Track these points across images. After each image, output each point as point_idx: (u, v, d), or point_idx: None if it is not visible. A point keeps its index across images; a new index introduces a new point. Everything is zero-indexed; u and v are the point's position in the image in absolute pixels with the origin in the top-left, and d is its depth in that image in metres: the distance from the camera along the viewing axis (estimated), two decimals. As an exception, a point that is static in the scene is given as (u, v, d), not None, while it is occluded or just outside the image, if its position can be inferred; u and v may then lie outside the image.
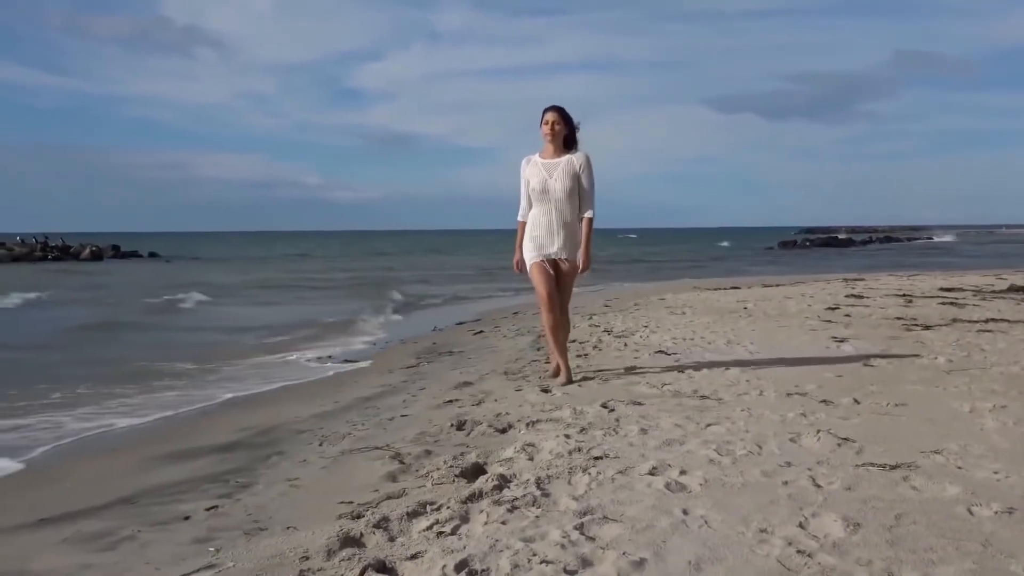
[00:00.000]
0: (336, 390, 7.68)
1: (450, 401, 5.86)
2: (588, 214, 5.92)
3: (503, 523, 3.05)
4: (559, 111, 5.92)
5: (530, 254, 6.01)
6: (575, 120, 5.98)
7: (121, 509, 4.20)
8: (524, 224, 6.07)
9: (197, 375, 9.59)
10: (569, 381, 6.01)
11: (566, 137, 5.93)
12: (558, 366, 6.18)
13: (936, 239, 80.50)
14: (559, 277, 5.99)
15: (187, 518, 3.79)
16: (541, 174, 5.90)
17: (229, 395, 8.19)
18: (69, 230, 76.23)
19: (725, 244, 72.41)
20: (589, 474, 3.58)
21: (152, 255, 53.78)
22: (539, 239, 5.96)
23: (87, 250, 49.37)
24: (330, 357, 10.59)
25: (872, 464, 3.62)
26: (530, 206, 6.01)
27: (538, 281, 5.95)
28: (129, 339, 13.53)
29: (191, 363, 10.32)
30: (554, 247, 5.93)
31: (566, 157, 5.90)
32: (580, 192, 5.91)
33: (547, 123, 5.89)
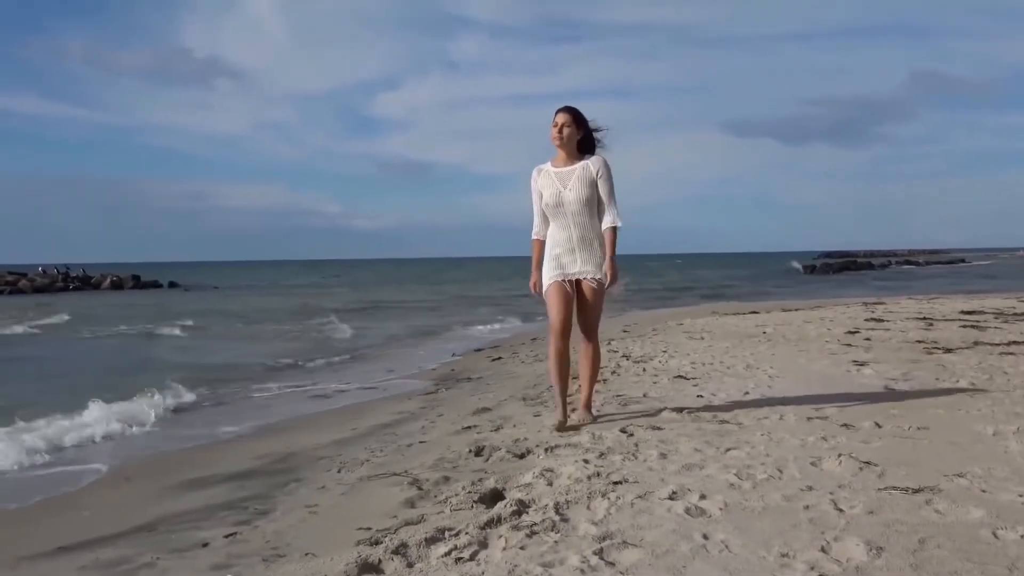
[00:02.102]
0: (354, 417, 7.68)
1: (468, 427, 5.84)
2: (612, 222, 5.19)
3: (522, 548, 3.03)
4: (570, 112, 5.23)
5: (549, 274, 5.28)
6: (598, 123, 5.32)
7: (139, 537, 4.21)
8: (539, 243, 5.37)
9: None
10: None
11: (581, 141, 5.24)
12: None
13: (973, 262, 78.44)
14: (581, 298, 5.25)
15: (205, 545, 3.79)
16: (554, 185, 5.21)
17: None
18: (88, 260, 76.87)
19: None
20: (608, 499, 3.56)
21: (172, 285, 54.10)
22: (559, 258, 5.25)
23: (107, 280, 49.79)
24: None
25: (895, 487, 3.58)
26: (545, 222, 5.34)
27: (553, 304, 5.23)
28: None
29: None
30: (576, 266, 5.22)
31: (581, 163, 5.20)
32: (600, 201, 5.21)
33: (555, 125, 5.20)
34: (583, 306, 5.27)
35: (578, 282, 5.26)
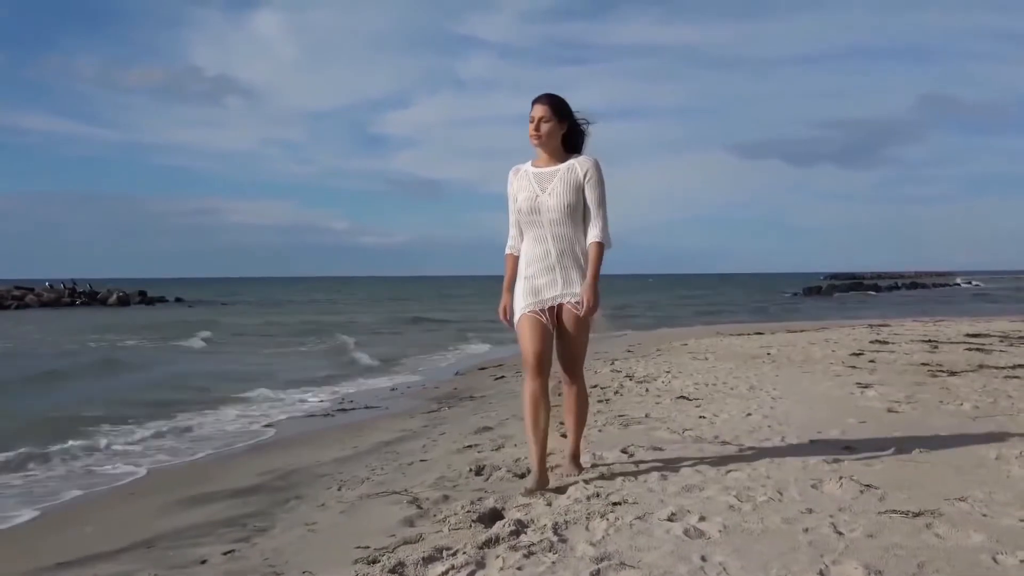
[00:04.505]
0: (357, 434, 7.68)
1: (470, 446, 5.84)
2: (597, 237, 4.16)
3: (519, 569, 3.02)
4: (549, 103, 4.17)
5: (521, 300, 4.24)
6: (583, 117, 4.30)
7: (139, 553, 4.22)
8: (513, 258, 4.37)
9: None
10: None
11: (565, 136, 4.23)
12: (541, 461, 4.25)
13: (982, 285, 77.82)
14: (562, 328, 4.24)
15: (204, 562, 3.79)
16: (531, 187, 4.21)
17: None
18: (91, 276, 76.88)
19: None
20: (607, 519, 3.55)
21: (178, 300, 54.42)
22: (533, 279, 4.22)
23: (114, 296, 49.98)
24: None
25: (895, 511, 3.56)
26: (521, 234, 4.33)
27: (525, 335, 4.20)
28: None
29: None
30: (556, 288, 4.18)
31: (566, 164, 4.21)
32: (585, 209, 4.20)
33: (531, 120, 4.18)
34: (564, 338, 4.27)
35: (559, 308, 4.23)
